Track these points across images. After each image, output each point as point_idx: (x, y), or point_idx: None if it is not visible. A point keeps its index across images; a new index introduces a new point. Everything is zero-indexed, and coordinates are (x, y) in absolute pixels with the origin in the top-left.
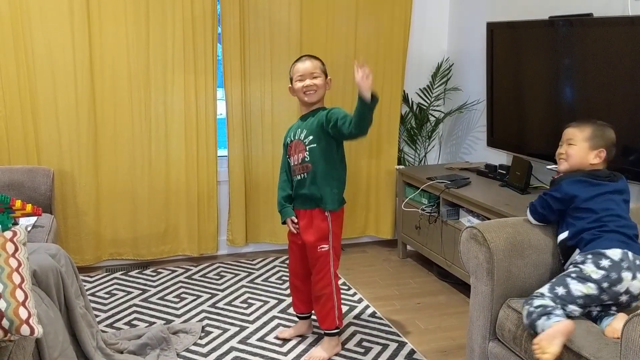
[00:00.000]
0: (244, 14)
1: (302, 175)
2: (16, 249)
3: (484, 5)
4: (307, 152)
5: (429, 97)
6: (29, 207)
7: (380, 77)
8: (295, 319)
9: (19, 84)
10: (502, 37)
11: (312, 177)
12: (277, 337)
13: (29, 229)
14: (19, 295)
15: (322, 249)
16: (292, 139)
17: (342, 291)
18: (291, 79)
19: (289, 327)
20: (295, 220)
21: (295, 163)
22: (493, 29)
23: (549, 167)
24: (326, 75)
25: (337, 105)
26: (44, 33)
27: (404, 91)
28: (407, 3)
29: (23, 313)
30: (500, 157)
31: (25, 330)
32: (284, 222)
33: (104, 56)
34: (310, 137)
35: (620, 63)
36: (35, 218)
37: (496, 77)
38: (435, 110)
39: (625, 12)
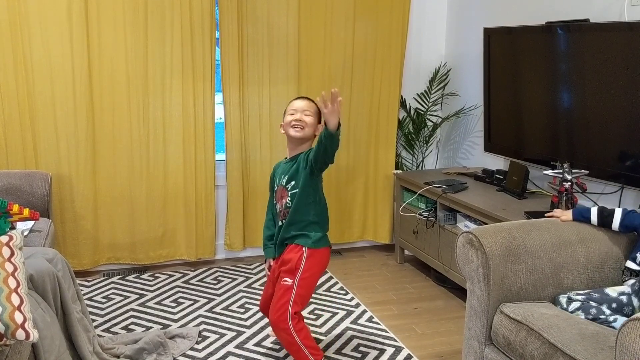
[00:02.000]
0: (242, 19)
1: (285, 220)
2: (12, 253)
3: (481, 10)
4: (289, 198)
5: (427, 102)
6: (26, 211)
7: (378, 82)
8: None
9: (17, 88)
10: (499, 42)
11: (292, 219)
12: (268, 335)
13: (26, 233)
14: (15, 299)
15: (285, 282)
16: (278, 184)
17: (339, 296)
18: (284, 116)
19: None
20: (271, 263)
21: (280, 209)
22: (490, 34)
23: (545, 172)
24: (319, 121)
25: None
26: (43, 38)
27: (401, 96)
28: (405, 8)
29: (19, 317)
30: (497, 162)
31: (20, 334)
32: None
33: (102, 61)
34: (292, 183)
35: (617, 68)
36: (32, 222)
37: (493, 82)
38: (432, 115)
39: (621, 17)
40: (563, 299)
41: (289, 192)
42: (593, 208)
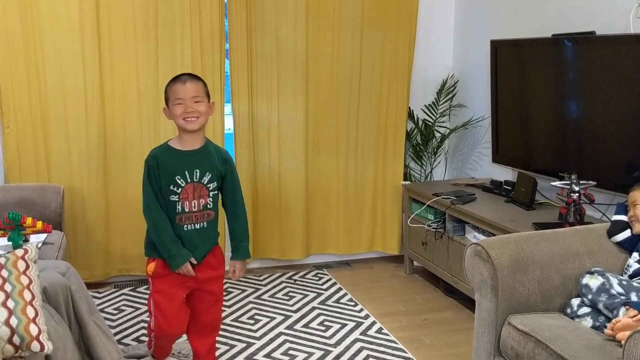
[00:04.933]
0: (251, 31)
1: (202, 224)
2: (27, 267)
3: (488, 23)
4: (210, 198)
5: (435, 114)
6: (39, 224)
7: (385, 93)
8: (306, 335)
9: (30, 102)
10: (506, 54)
11: (212, 225)
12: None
13: (39, 245)
14: (30, 312)
15: (219, 288)
16: (188, 180)
17: (348, 307)
18: (167, 100)
19: (297, 343)
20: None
21: (193, 209)
22: (497, 46)
23: (553, 183)
24: (209, 99)
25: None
26: (55, 52)
27: (409, 107)
28: (412, 20)
29: (34, 330)
30: (505, 173)
31: (35, 346)
32: (177, 267)
33: (113, 74)
34: (215, 183)
35: (624, 80)
36: (45, 235)
37: (500, 94)
38: (440, 126)
39: (627, 30)
40: (575, 302)
41: (211, 192)
42: None
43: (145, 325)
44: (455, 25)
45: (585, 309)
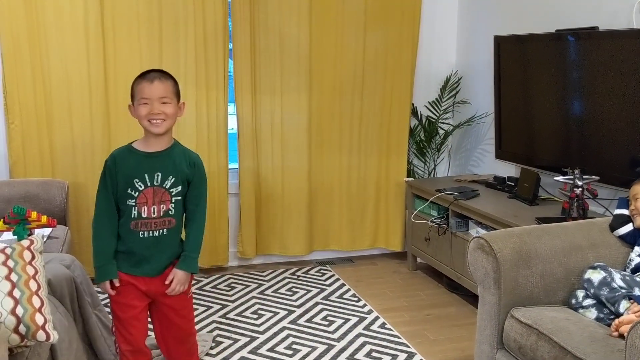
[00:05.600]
0: (255, 30)
1: (161, 231)
2: (33, 257)
3: (492, 19)
4: (173, 204)
5: (438, 110)
6: (44, 218)
7: (389, 90)
8: (309, 330)
9: (35, 98)
10: (509, 50)
11: (174, 234)
12: None
13: (44, 239)
14: (36, 301)
15: (187, 295)
16: (148, 184)
17: (351, 302)
18: (132, 97)
19: (300, 337)
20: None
21: (152, 215)
22: (500, 42)
23: (556, 178)
24: (179, 99)
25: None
26: (60, 49)
27: (412, 104)
28: (416, 17)
29: (39, 319)
30: (508, 169)
31: (41, 335)
32: (98, 281)
33: (117, 71)
34: (179, 188)
35: (627, 74)
36: (50, 229)
37: (504, 90)
38: (444, 123)
39: (630, 25)
40: (580, 293)
41: (174, 198)
42: None
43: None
44: (459, 21)
45: (590, 300)
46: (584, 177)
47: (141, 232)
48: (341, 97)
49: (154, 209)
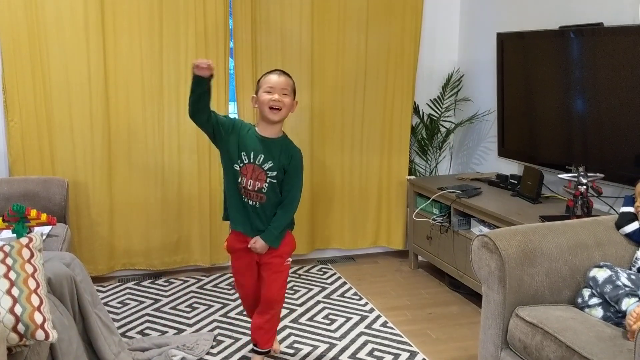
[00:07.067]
0: (256, 28)
1: (255, 203)
2: (32, 255)
3: (494, 16)
4: (267, 184)
5: (440, 108)
6: (43, 216)
7: (390, 88)
8: (311, 328)
9: (35, 96)
10: (512, 47)
11: (263, 210)
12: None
13: (43, 237)
14: (35, 300)
15: (287, 263)
16: (251, 160)
17: (353, 301)
18: (257, 90)
19: (301, 336)
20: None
21: (250, 187)
22: (503, 39)
23: (560, 176)
24: (294, 96)
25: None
26: (60, 47)
27: (414, 102)
28: (418, 14)
29: (38, 318)
30: (511, 167)
31: (40, 334)
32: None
33: (118, 69)
34: (275, 173)
35: (631, 71)
36: (49, 227)
37: (507, 87)
38: (446, 120)
39: (635, 21)
40: (586, 292)
41: (268, 180)
42: None
43: (149, 319)
44: (461, 18)
45: (596, 299)
46: (589, 174)
47: (244, 197)
48: (343, 95)
49: (250, 182)
